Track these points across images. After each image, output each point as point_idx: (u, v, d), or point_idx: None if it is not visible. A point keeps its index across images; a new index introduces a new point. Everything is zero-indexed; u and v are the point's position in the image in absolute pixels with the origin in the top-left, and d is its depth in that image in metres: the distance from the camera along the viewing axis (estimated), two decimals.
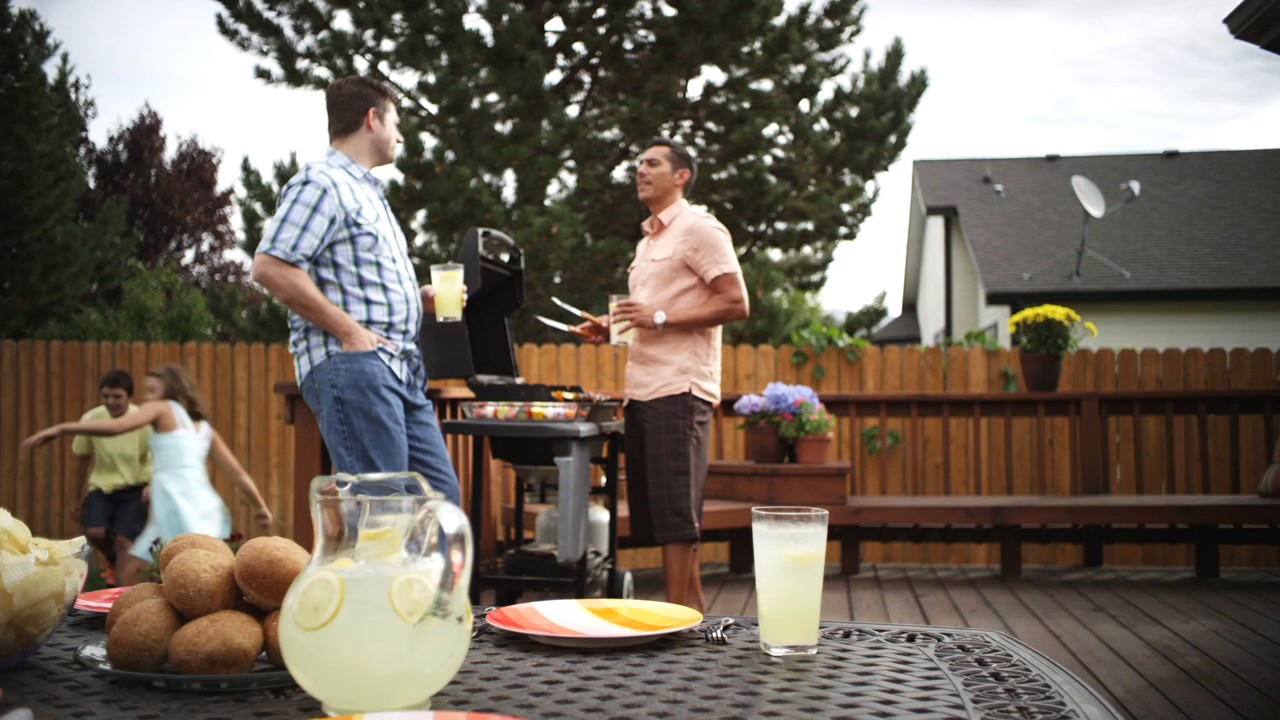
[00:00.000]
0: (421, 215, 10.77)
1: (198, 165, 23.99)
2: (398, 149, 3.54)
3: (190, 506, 5.23)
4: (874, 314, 13.29)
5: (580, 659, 1.22)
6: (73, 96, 19.90)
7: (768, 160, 11.59)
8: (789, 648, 1.23)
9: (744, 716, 0.99)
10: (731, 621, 1.40)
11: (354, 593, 0.96)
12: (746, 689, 1.09)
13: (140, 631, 1.08)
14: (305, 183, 3.23)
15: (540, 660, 1.21)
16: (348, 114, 3.40)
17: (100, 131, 26.26)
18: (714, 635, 1.33)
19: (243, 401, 8.37)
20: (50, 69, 16.16)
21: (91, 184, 22.14)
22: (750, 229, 11.64)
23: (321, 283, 3.27)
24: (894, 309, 24.49)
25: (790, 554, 1.27)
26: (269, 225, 3.24)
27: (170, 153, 24.08)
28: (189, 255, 24.09)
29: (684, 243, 4.10)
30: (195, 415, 5.61)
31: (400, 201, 10.44)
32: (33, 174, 13.77)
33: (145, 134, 23.66)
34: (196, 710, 1.00)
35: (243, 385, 8.41)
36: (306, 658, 0.96)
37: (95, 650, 1.15)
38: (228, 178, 29.95)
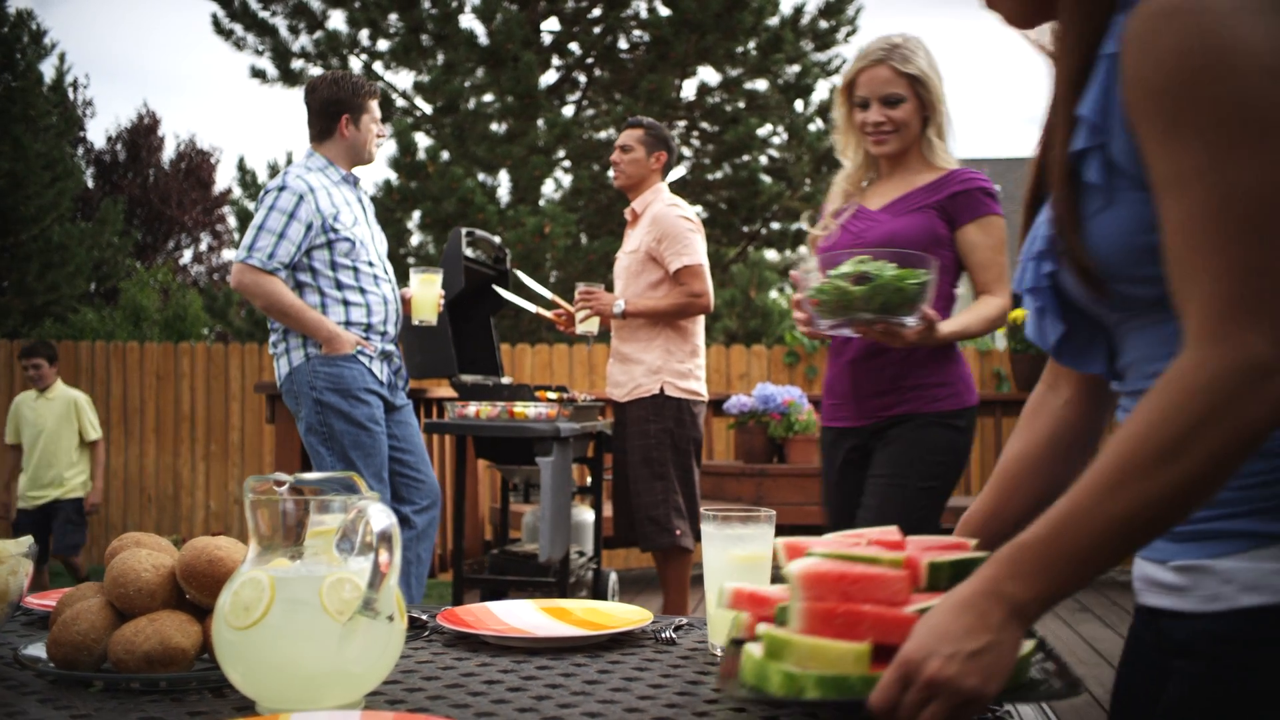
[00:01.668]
0: (417, 215, 10.78)
1: (196, 165, 24.00)
2: (379, 145, 3.52)
3: None
4: None
5: (526, 659, 1.22)
6: (71, 96, 19.91)
7: (763, 160, 11.59)
8: None
9: (675, 717, 0.99)
10: (684, 621, 1.41)
11: (284, 592, 0.96)
12: (684, 689, 1.09)
13: (79, 631, 1.09)
14: (282, 188, 3.23)
15: (485, 660, 1.21)
16: (321, 120, 3.40)
17: (99, 131, 26.28)
18: (664, 635, 1.33)
19: (236, 401, 8.37)
20: (48, 69, 16.18)
21: (90, 184, 22.15)
22: (745, 229, 11.64)
23: (299, 286, 3.28)
24: None
25: (737, 554, 1.28)
26: (247, 233, 3.24)
27: (169, 152, 24.11)
28: (187, 255, 24.11)
29: (649, 234, 3.94)
30: None
31: (394, 201, 10.44)
32: (29, 173, 13.77)
33: (143, 134, 23.66)
34: (131, 710, 1.01)
35: (236, 385, 8.41)
36: (237, 657, 0.97)
37: (37, 649, 1.15)
38: (226, 177, 30.05)
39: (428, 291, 3.41)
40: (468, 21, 11.10)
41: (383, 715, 0.92)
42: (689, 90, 11.54)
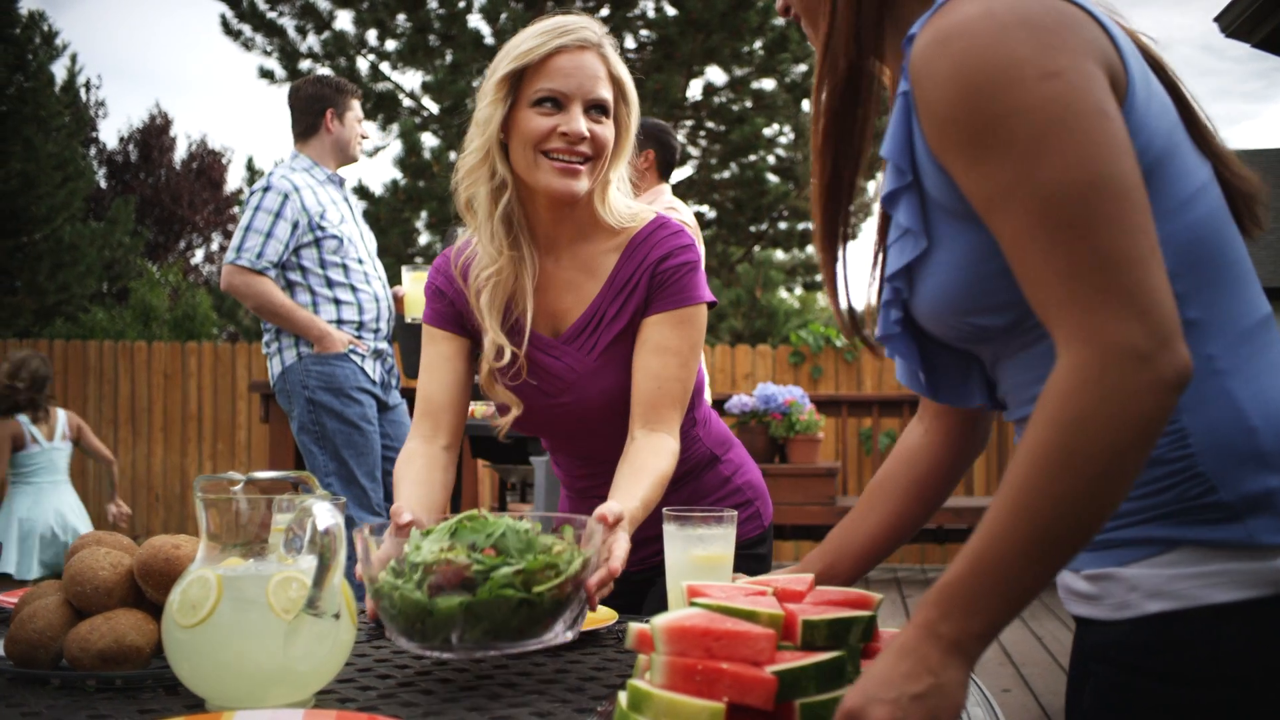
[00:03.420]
0: (425, 215, 10.80)
1: (207, 165, 24.11)
2: (362, 145, 3.53)
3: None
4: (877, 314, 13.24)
5: (486, 658, 1.22)
6: (83, 97, 20.03)
7: (769, 160, 11.57)
8: None
9: None
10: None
11: (231, 590, 0.97)
12: None
13: (35, 629, 1.09)
14: (266, 189, 3.25)
15: (444, 659, 1.21)
16: (306, 116, 3.41)
17: (111, 131, 26.44)
18: None
19: (243, 401, 8.40)
20: (59, 70, 16.28)
21: (102, 184, 22.27)
22: (751, 229, 11.63)
23: (290, 286, 3.29)
24: None
25: (698, 554, 1.28)
26: (235, 235, 3.27)
27: (180, 152, 24.22)
28: (199, 255, 24.22)
29: None
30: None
31: (400, 201, 10.46)
32: (41, 174, 13.85)
33: (155, 134, 23.78)
34: (83, 707, 1.01)
35: (243, 384, 8.43)
36: (184, 655, 0.97)
37: None
38: (236, 177, 30.17)
39: (420, 289, 3.41)
40: (474, 22, 11.12)
41: (325, 714, 0.92)
42: (695, 90, 11.54)
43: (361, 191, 10.86)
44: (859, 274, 1.01)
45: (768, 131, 11.16)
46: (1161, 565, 0.87)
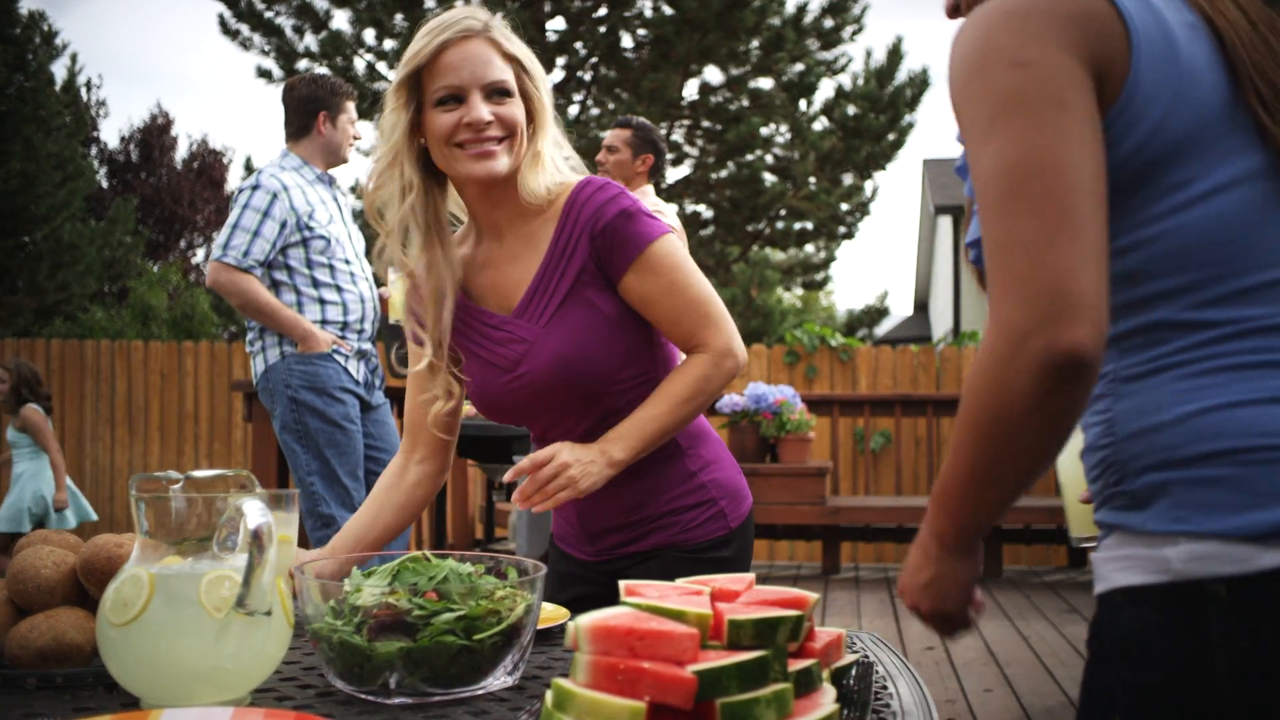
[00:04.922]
0: None
1: (208, 165, 24.13)
2: (353, 145, 3.53)
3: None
4: (876, 313, 13.26)
5: None
6: (84, 96, 20.04)
7: (766, 159, 11.58)
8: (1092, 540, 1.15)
9: None
10: None
11: (164, 589, 0.97)
12: None
13: None
14: (255, 187, 3.25)
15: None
16: (299, 117, 3.41)
17: (112, 131, 26.48)
18: None
19: (239, 399, 8.42)
20: (59, 69, 16.31)
21: (103, 183, 22.30)
22: (748, 228, 11.63)
23: (275, 285, 3.29)
24: (905, 308, 24.41)
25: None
26: (222, 232, 3.27)
27: (181, 152, 24.25)
28: (199, 255, 24.24)
29: None
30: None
31: None
32: (41, 174, 13.87)
33: (156, 133, 23.81)
34: (19, 705, 1.02)
35: None
36: (116, 652, 0.98)
37: None
38: (237, 177, 30.22)
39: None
40: None
41: (253, 712, 0.92)
42: (691, 89, 11.54)
43: (357, 190, 10.87)
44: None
45: (764, 131, 11.17)
46: (1105, 549, 0.92)
